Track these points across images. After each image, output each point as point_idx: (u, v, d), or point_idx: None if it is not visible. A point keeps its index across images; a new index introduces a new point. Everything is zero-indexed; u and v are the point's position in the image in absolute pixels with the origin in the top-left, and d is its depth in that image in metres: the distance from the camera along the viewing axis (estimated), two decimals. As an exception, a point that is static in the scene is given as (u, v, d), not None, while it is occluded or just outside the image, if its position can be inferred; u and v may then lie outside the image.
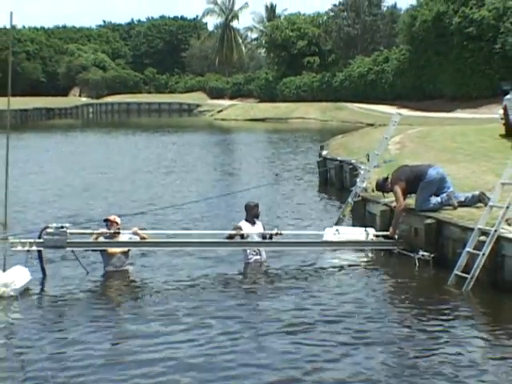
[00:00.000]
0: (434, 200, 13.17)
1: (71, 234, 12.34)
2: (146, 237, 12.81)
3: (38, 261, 12.20)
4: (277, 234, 13.46)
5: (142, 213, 16.93)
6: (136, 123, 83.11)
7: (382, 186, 14.28)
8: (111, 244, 12.65)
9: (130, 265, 12.84)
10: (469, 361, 8.37)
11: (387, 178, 14.11)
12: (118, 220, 12.91)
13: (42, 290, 11.78)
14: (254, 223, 13.51)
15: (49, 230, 12.14)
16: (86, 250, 12.83)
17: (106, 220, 12.90)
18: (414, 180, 13.37)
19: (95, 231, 12.75)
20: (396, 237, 13.43)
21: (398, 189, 13.40)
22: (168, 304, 10.71)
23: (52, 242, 12.11)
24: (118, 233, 12.75)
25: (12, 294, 11.04)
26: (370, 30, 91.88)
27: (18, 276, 11.31)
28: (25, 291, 11.36)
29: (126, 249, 12.77)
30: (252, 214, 13.53)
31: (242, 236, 13.31)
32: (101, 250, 12.68)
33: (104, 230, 12.72)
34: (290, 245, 13.71)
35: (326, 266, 13.10)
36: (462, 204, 13.07)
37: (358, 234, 14.02)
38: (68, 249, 12.41)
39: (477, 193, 13.04)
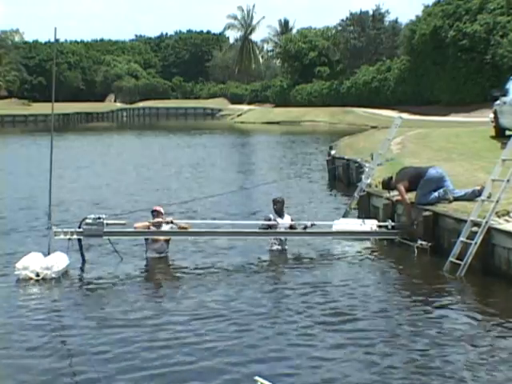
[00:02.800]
0: (432, 195, 13.15)
1: (107, 224, 12.39)
2: (186, 226, 12.85)
3: (79, 248, 12.26)
4: (312, 225, 13.63)
5: (186, 202, 16.97)
6: (165, 126, 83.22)
7: (388, 184, 14.32)
8: (145, 233, 12.70)
9: (168, 252, 12.87)
10: (461, 338, 8.37)
11: (391, 178, 14.15)
12: (162, 210, 12.97)
13: (82, 274, 11.83)
14: (282, 215, 13.60)
15: (87, 221, 12.21)
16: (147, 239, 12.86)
17: (153, 210, 12.91)
18: (416, 178, 13.37)
19: (150, 221, 12.77)
20: (415, 222, 13.26)
21: (401, 187, 13.41)
22: (199, 290, 10.72)
23: (90, 232, 12.17)
24: (171, 221, 12.80)
25: (53, 276, 11.13)
26: (374, 42, 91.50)
27: (58, 260, 11.40)
28: (66, 275, 11.43)
29: (168, 237, 12.83)
30: (278, 208, 13.59)
31: (271, 226, 13.37)
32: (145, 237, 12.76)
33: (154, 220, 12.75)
34: (308, 234, 13.71)
35: (337, 253, 13.13)
36: (462, 198, 13.04)
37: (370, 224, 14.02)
38: (104, 237, 12.48)
39: (477, 188, 12.97)
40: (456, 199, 13.02)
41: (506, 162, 11.60)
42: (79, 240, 12.27)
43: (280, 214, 13.60)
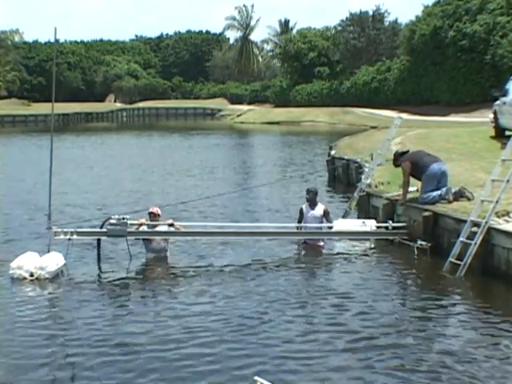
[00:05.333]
0: (435, 193, 13.17)
1: (131, 224, 12.41)
2: (179, 227, 12.84)
3: (97, 248, 12.31)
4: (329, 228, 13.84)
5: (184, 202, 16.97)
6: (165, 126, 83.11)
7: (395, 159, 14.30)
8: (167, 234, 12.73)
9: (167, 251, 12.86)
10: (461, 338, 8.38)
11: (404, 153, 14.14)
12: (159, 212, 12.96)
13: (77, 274, 11.65)
14: (314, 206, 13.82)
15: (111, 221, 12.21)
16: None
17: (150, 213, 12.89)
18: (420, 168, 13.49)
19: (150, 222, 12.78)
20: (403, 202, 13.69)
21: (405, 166, 13.59)
22: (197, 291, 10.76)
23: (114, 232, 12.19)
24: (171, 224, 12.76)
25: (47, 276, 11.12)
26: (374, 42, 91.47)
27: (53, 260, 11.39)
28: (62, 275, 11.37)
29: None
30: (311, 198, 13.88)
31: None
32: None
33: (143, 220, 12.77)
34: (308, 234, 13.74)
35: (336, 254, 13.15)
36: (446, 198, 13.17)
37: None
38: (129, 238, 12.45)
39: (457, 189, 13.16)
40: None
41: (505, 162, 11.60)
42: (98, 240, 12.30)
43: (312, 204, 13.82)
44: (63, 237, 12.09)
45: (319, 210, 13.83)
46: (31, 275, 11.07)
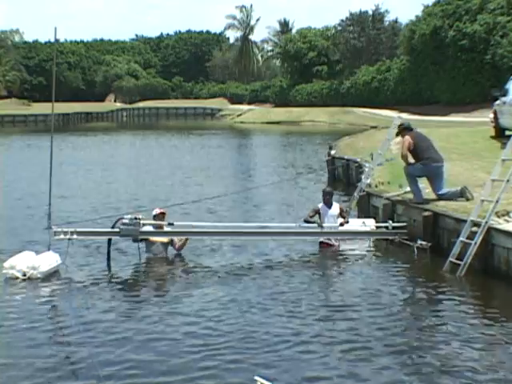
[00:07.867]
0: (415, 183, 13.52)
1: (144, 224, 12.39)
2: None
3: (107, 247, 12.28)
4: (346, 222, 13.84)
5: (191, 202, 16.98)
6: (165, 126, 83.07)
7: (399, 132, 14.38)
8: (178, 233, 12.78)
9: (167, 254, 12.85)
10: (461, 338, 8.37)
11: (410, 129, 14.20)
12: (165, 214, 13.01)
13: (72, 274, 11.55)
14: (330, 205, 13.95)
15: (124, 221, 12.17)
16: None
17: (159, 213, 12.89)
18: (422, 154, 13.54)
19: (153, 222, 12.78)
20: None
21: (405, 140, 13.69)
22: (195, 291, 10.77)
23: (127, 232, 12.16)
24: (171, 223, 12.79)
25: (39, 276, 11.09)
26: (374, 42, 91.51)
27: (47, 260, 11.36)
28: (56, 275, 11.37)
29: (165, 239, 12.81)
30: (327, 198, 13.99)
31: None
32: (144, 239, 12.70)
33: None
34: (308, 234, 13.69)
35: (339, 254, 13.17)
36: (442, 197, 13.18)
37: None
38: (140, 237, 12.43)
39: (459, 188, 13.18)
40: (440, 198, 13.22)
41: (505, 161, 11.61)
42: (109, 240, 12.30)
43: (329, 204, 13.93)
44: (63, 237, 12.06)
45: (336, 208, 13.98)
46: (23, 275, 11.04)
